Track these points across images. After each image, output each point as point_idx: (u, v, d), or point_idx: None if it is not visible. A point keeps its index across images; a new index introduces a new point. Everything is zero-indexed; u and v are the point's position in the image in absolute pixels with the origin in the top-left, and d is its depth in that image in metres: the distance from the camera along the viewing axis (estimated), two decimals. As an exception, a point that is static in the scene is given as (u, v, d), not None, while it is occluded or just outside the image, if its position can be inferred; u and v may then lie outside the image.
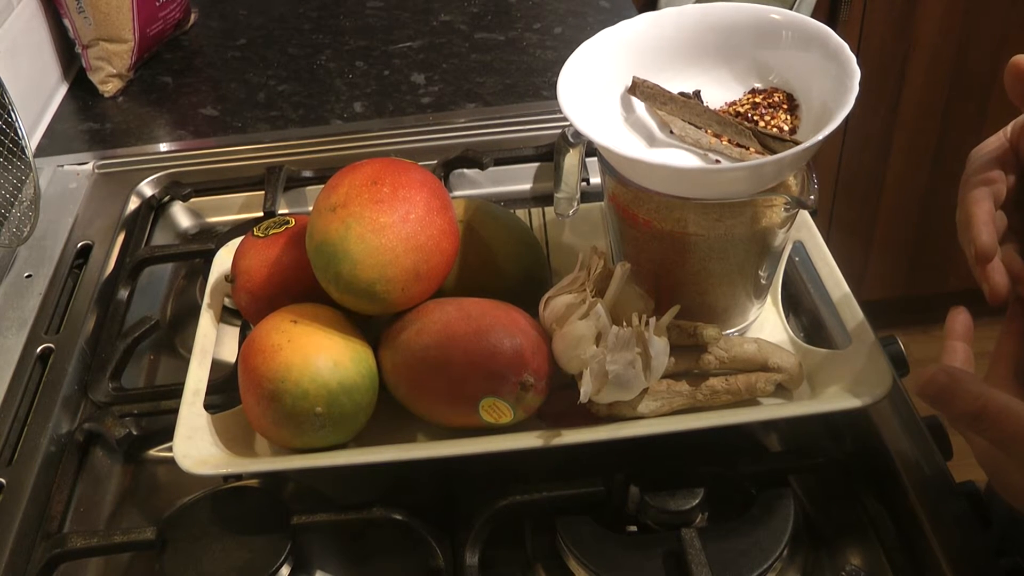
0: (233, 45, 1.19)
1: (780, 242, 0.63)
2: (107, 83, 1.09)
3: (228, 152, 0.98)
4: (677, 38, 0.65)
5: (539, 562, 0.59)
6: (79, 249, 0.86)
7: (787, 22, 0.62)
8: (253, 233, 0.68)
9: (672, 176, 0.58)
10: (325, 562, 0.60)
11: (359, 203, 0.60)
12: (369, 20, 1.21)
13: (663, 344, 0.58)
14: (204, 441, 0.61)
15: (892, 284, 2.03)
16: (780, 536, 0.57)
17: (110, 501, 0.67)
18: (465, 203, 0.69)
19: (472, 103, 1.03)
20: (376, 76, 1.10)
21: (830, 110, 0.57)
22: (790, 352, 0.62)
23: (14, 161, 0.85)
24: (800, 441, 0.66)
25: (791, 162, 0.56)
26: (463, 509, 0.61)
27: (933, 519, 0.58)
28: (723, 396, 0.60)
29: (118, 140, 1.02)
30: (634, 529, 0.59)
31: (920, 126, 1.82)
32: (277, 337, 0.59)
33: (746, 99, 0.63)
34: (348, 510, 0.60)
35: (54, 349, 0.75)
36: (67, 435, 0.69)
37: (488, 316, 0.59)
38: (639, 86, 0.63)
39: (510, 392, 0.58)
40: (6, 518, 0.63)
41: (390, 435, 0.62)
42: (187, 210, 0.93)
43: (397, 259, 0.59)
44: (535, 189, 0.93)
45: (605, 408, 0.59)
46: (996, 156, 0.54)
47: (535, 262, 0.69)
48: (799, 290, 0.74)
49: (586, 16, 1.18)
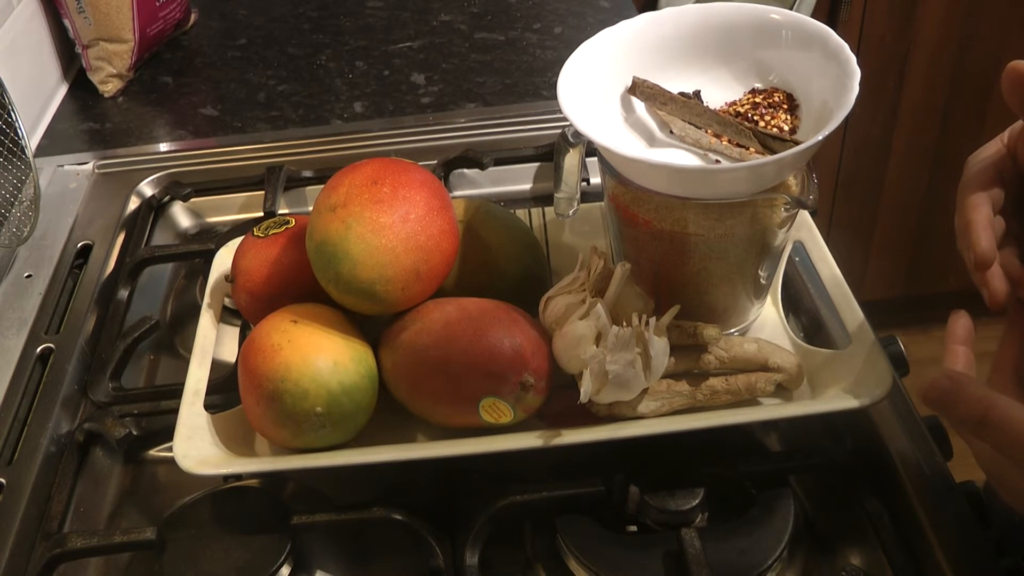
0: (233, 45, 1.19)
1: (780, 242, 0.63)
2: (107, 83, 1.09)
3: (228, 152, 0.98)
4: (677, 38, 0.65)
5: (539, 562, 0.59)
6: (79, 249, 0.86)
7: (787, 22, 0.62)
8: (253, 233, 0.68)
9: (672, 176, 0.58)
10: (325, 562, 0.60)
11: (359, 203, 0.60)
12: (369, 20, 1.21)
13: (663, 344, 0.58)
14: (204, 441, 0.61)
15: (892, 284, 2.03)
16: (780, 536, 0.57)
17: (110, 501, 0.67)
18: (465, 203, 0.69)
19: (472, 103, 1.03)
20: (376, 76, 1.10)
21: (830, 110, 0.57)
22: (790, 352, 0.62)
23: (14, 161, 0.85)
24: (800, 441, 0.66)
25: (791, 162, 0.56)
26: (463, 509, 0.61)
27: (933, 519, 0.58)
28: (723, 396, 0.60)
29: (118, 140, 1.02)
30: (634, 529, 0.59)
31: (920, 126, 1.82)
32: (277, 337, 0.59)
33: (746, 99, 0.63)
34: (348, 510, 0.60)
35: (54, 349, 0.75)
36: (67, 435, 0.69)
37: (488, 316, 0.59)
38: (639, 86, 0.63)
39: (510, 392, 0.58)
40: (6, 518, 0.63)
41: (390, 435, 0.62)
42: (187, 210, 0.93)
43: (397, 259, 0.59)
44: (535, 189, 0.93)
45: (605, 408, 0.59)
46: (994, 162, 0.54)
47: (535, 262, 0.69)
48: (799, 290, 0.74)
49: (586, 16, 1.18)
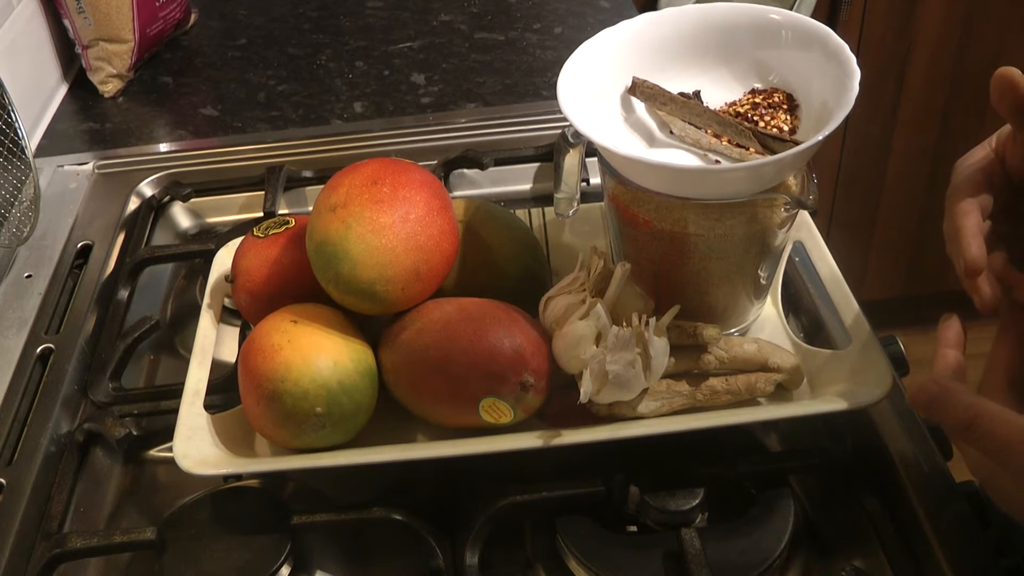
0: (233, 45, 1.19)
1: (780, 242, 0.63)
2: (107, 83, 1.09)
3: (228, 152, 0.98)
4: (677, 38, 0.65)
5: (539, 562, 0.59)
6: (79, 249, 0.86)
7: (787, 22, 0.62)
8: (253, 233, 0.68)
9: (672, 176, 0.58)
10: (325, 562, 0.60)
11: (359, 203, 0.60)
12: (369, 20, 1.21)
13: (663, 344, 0.58)
14: (204, 441, 0.61)
15: (892, 284, 2.03)
16: (780, 536, 0.57)
17: (110, 501, 0.67)
18: (465, 203, 0.69)
19: (472, 103, 1.03)
20: (376, 76, 1.10)
21: (830, 110, 0.58)
22: (790, 352, 0.62)
23: (14, 161, 0.85)
24: (800, 441, 0.66)
25: (791, 162, 0.56)
26: (463, 509, 0.61)
27: (933, 519, 0.58)
28: (723, 396, 0.60)
29: (118, 140, 1.02)
30: (634, 529, 0.59)
31: (920, 126, 1.82)
32: (277, 337, 0.59)
33: (746, 99, 0.63)
34: (348, 510, 0.60)
35: (54, 349, 0.75)
36: (67, 435, 0.69)
37: (488, 316, 0.59)
38: (639, 86, 0.63)
39: (510, 392, 0.58)
40: (6, 518, 0.63)
41: (390, 435, 0.62)
42: (187, 210, 0.93)
43: (397, 259, 0.59)
44: (535, 189, 0.93)
45: (605, 408, 0.59)
46: (982, 167, 0.53)
47: (535, 262, 0.69)
48: (799, 290, 0.74)
49: (586, 16, 1.18)
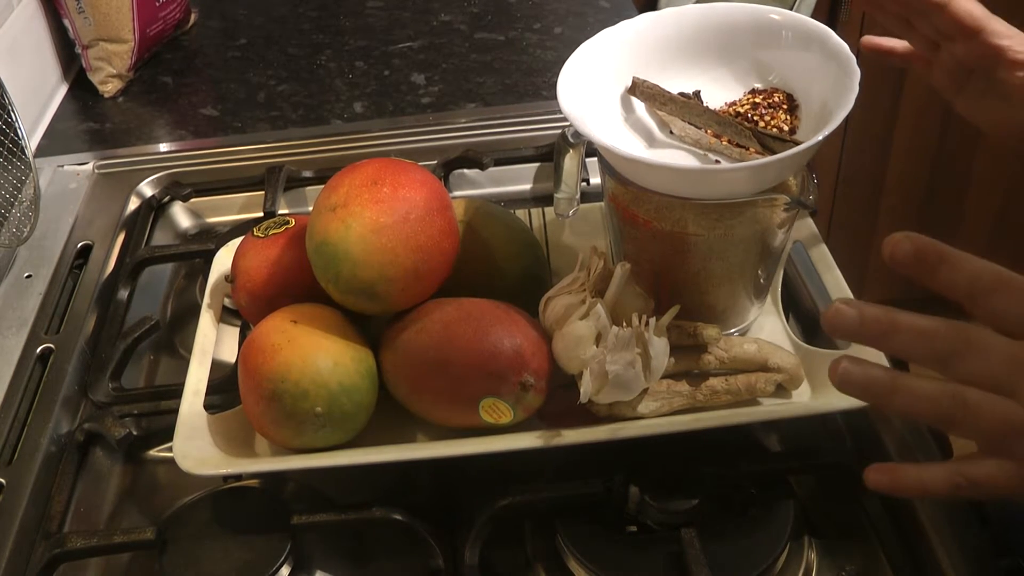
0: (233, 45, 1.19)
1: (780, 242, 0.63)
2: (107, 83, 1.09)
3: (228, 152, 0.98)
4: (677, 38, 0.65)
5: (539, 562, 0.59)
6: (79, 249, 0.86)
7: (787, 22, 0.63)
8: (253, 233, 0.68)
9: (672, 176, 0.58)
10: (325, 562, 0.60)
11: (359, 203, 0.60)
12: (369, 20, 1.21)
13: (663, 344, 0.58)
14: (204, 441, 0.61)
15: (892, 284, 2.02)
16: (780, 536, 0.57)
17: (110, 501, 0.67)
18: (465, 203, 0.69)
19: (472, 103, 1.03)
20: (376, 76, 1.10)
21: (830, 110, 0.58)
22: (790, 352, 0.62)
23: (14, 161, 0.85)
24: (800, 441, 0.66)
25: (791, 162, 0.56)
26: (463, 509, 0.61)
27: (933, 519, 0.58)
28: (723, 396, 0.60)
29: (118, 140, 1.02)
30: (634, 529, 0.59)
31: (920, 126, 1.81)
32: (277, 337, 0.59)
33: (746, 99, 0.63)
34: (348, 510, 0.60)
35: (54, 349, 0.75)
36: (67, 435, 0.69)
37: (488, 316, 0.59)
38: (639, 86, 0.63)
39: (510, 392, 0.58)
40: (6, 518, 0.63)
41: (390, 435, 0.62)
42: (187, 210, 0.93)
43: (397, 259, 0.59)
44: (535, 189, 0.93)
45: (605, 408, 0.59)
46: None
47: (535, 262, 0.69)
48: (799, 290, 0.74)
49: (586, 16, 1.18)
